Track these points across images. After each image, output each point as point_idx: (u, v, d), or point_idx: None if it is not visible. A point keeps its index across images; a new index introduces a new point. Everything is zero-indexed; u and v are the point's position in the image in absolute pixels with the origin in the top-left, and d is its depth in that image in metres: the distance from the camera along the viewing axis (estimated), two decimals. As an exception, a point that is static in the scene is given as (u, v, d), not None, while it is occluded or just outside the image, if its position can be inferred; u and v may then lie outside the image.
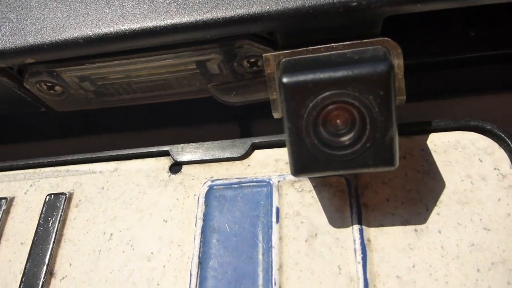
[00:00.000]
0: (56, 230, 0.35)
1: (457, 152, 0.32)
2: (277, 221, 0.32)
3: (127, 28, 0.30)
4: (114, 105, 0.39)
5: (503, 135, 0.32)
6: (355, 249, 0.30)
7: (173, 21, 0.30)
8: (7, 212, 0.37)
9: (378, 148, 0.26)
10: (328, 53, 0.29)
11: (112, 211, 0.35)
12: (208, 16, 0.29)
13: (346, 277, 0.29)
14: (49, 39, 0.31)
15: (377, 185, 0.32)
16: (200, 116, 0.38)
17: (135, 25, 0.30)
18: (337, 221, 0.31)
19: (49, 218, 0.35)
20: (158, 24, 0.30)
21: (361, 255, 0.29)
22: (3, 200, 0.37)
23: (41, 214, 0.36)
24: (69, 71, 0.34)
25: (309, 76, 0.25)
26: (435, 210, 0.30)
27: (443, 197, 0.31)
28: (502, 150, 0.32)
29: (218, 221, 0.33)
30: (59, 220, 0.35)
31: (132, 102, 0.39)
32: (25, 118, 0.40)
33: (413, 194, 0.31)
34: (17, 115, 0.40)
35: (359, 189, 0.32)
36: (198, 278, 0.31)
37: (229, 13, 0.29)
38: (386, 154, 0.26)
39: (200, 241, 0.32)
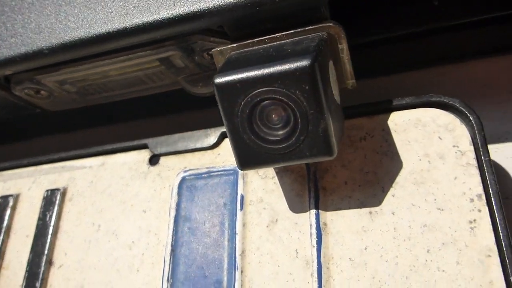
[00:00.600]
0: (54, 223, 0.39)
1: (417, 130, 0.32)
2: (241, 208, 0.33)
3: (89, 34, 0.32)
4: (98, 102, 0.41)
5: (464, 110, 0.31)
6: (311, 233, 0.31)
7: (123, 25, 0.31)
8: (14, 207, 0.41)
9: (313, 139, 0.26)
10: (269, 45, 0.30)
11: (99, 203, 0.38)
12: (151, 18, 0.30)
13: (302, 261, 0.30)
14: (21, 50, 0.34)
15: (336, 168, 0.32)
16: (177, 107, 0.39)
17: (97, 30, 0.32)
18: (296, 206, 0.32)
19: (47, 213, 0.39)
20: (109, 29, 0.31)
21: (316, 239, 0.30)
22: (10, 197, 0.42)
23: (40, 208, 0.40)
24: (48, 77, 0.37)
25: (238, 75, 0.26)
26: (391, 192, 0.30)
27: (399, 178, 0.31)
28: (463, 126, 0.31)
29: (188, 210, 0.35)
30: (56, 214, 0.39)
31: (113, 98, 0.41)
32: (21, 119, 0.44)
33: (371, 176, 0.31)
34: (16, 117, 0.44)
35: (318, 173, 0.33)
36: (171, 265, 0.33)
37: (171, 12, 0.30)
38: (321, 145, 0.26)
39: (173, 229, 0.35)
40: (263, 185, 0.34)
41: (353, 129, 0.33)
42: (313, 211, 0.31)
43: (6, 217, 0.41)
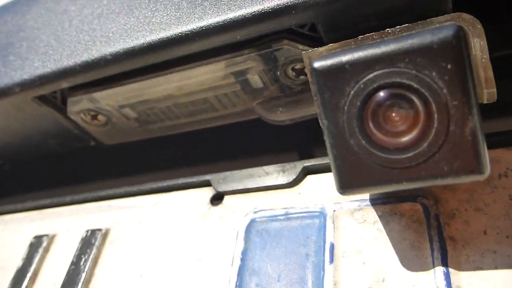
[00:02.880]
0: (88, 269, 0.31)
1: None
2: (331, 261, 0.25)
3: (152, 39, 0.28)
4: (158, 133, 0.36)
5: None
6: (438, 301, 0.21)
7: (198, 24, 0.26)
8: (46, 249, 0.35)
9: (455, 146, 0.18)
10: (380, 39, 0.23)
11: (145, 248, 0.31)
12: (235, 13, 0.25)
13: None
14: (79, 60, 0.30)
15: (468, 212, 0.23)
16: (244, 140, 0.33)
17: (161, 35, 0.27)
18: (412, 261, 0.23)
19: (82, 256, 0.32)
20: (183, 30, 0.27)
21: (448, 310, 0.21)
22: (45, 237, 0.35)
23: (76, 251, 0.33)
24: (108, 96, 0.32)
25: (347, 56, 0.19)
26: (562, 246, 0.21)
27: None
28: None
29: (258, 261, 0.26)
30: (92, 259, 0.32)
31: (176, 129, 0.35)
32: (70, 156, 0.39)
33: (524, 223, 0.22)
34: (69, 151, 0.39)
35: (442, 218, 0.24)
36: (229, 333, 0.24)
37: (258, 6, 0.25)
38: (468, 154, 0.18)
39: (236, 285, 0.26)
40: (362, 232, 0.25)
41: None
42: (440, 270, 0.22)
43: (36, 260, 0.34)
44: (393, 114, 0.19)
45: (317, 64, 0.20)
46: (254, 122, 0.33)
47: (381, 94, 0.19)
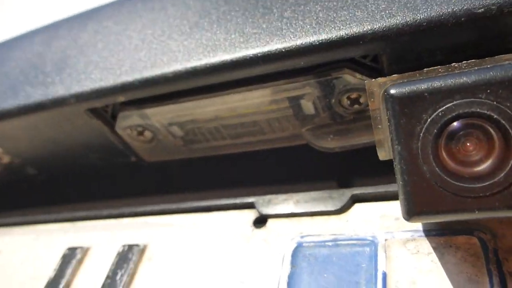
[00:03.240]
0: (123, 285, 0.31)
1: None
2: (384, 290, 0.24)
3: (215, 61, 0.29)
4: (201, 154, 0.36)
5: None
6: (502, 337, 0.21)
7: (263, 49, 0.27)
8: (80, 262, 0.34)
9: (532, 177, 0.18)
10: (449, 72, 0.24)
11: (184, 268, 0.30)
12: (304, 40, 0.26)
13: None
14: (139, 75, 0.31)
15: (527, 249, 0.23)
16: (289, 166, 0.33)
17: (225, 56, 0.28)
18: (471, 295, 0.23)
19: (118, 271, 0.32)
20: (247, 54, 0.28)
21: None
22: (78, 249, 0.35)
23: (112, 265, 0.32)
24: (159, 113, 0.33)
25: (425, 84, 0.20)
26: None
27: None
28: None
29: (306, 286, 0.26)
30: (129, 274, 0.31)
31: (221, 150, 0.36)
32: (108, 170, 0.40)
33: None
34: (108, 166, 0.39)
35: (501, 253, 0.23)
36: None
37: (325, 34, 0.26)
38: (545, 186, 0.18)
39: (283, 309, 0.26)
40: (416, 263, 0.25)
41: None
42: (502, 304, 0.22)
43: (68, 271, 0.34)
44: (468, 144, 0.19)
45: (394, 91, 0.20)
46: (300, 148, 0.33)
47: (458, 123, 0.19)
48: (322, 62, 0.27)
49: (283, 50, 0.27)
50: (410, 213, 0.20)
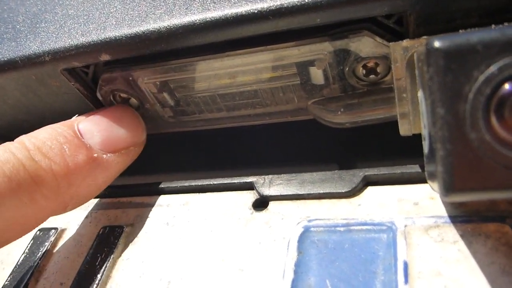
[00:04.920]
0: (104, 271, 0.27)
1: None
2: (406, 281, 0.21)
3: (218, 15, 0.25)
4: (194, 127, 0.33)
5: None
6: (548, 338, 0.18)
7: (276, 2, 0.24)
8: (54, 244, 0.30)
9: None
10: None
11: (174, 252, 0.27)
12: (319, -7, 0.23)
13: None
14: (128, 31, 0.27)
15: None
16: (294, 142, 0.30)
17: (228, 11, 0.24)
18: (506, 289, 0.20)
19: (98, 255, 0.28)
20: (258, 7, 0.24)
21: None
22: (53, 231, 0.31)
23: (89, 249, 0.29)
24: (148, 76, 0.29)
25: (477, 35, 0.16)
26: None
27: None
28: None
29: (316, 275, 0.23)
30: (109, 258, 0.28)
31: (216, 123, 0.32)
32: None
33: None
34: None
35: (540, 243, 0.21)
36: None
37: (347, -13, 0.22)
38: None
39: (289, 301, 0.22)
40: (441, 252, 0.22)
41: None
42: (544, 300, 0.19)
43: (39, 255, 0.30)
44: (523, 110, 0.16)
45: (439, 43, 0.17)
46: (306, 124, 0.30)
47: (509, 87, 0.16)
48: (339, 21, 0.24)
49: (297, 3, 0.23)
50: (450, 189, 0.17)
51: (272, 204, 0.28)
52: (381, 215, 0.24)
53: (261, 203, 0.28)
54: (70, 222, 0.32)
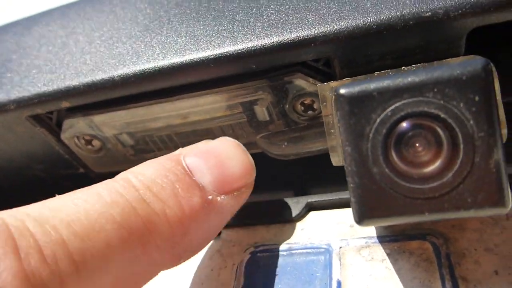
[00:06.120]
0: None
1: None
2: (339, 298, 0.24)
3: (164, 64, 0.27)
4: (153, 164, 0.35)
5: None
6: None
7: (214, 52, 0.26)
8: None
9: (479, 177, 0.18)
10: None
11: (134, 282, 0.29)
12: (255, 43, 0.26)
13: None
14: (85, 80, 0.29)
15: (478, 252, 0.23)
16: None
17: (174, 59, 0.27)
18: (424, 301, 0.22)
19: None
20: (201, 56, 0.27)
21: None
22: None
23: None
24: (107, 120, 0.32)
25: (374, 84, 0.19)
26: None
27: None
28: None
29: (260, 297, 0.25)
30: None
31: (173, 160, 0.34)
32: (56, 182, 0.37)
33: (536, 265, 0.22)
34: (53, 178, 0.37)
35: (453, 258, 0.23)
36: None
37: (277, 37, 0.25)
38: (491, 186, 0.18)
39: (236, 323, 0.24)
40: (370, 270, 0.24)
41: (495, 204, 0.25)
42: (455, 309, 0.21)
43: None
44: (417, 144, 0.19)
45: (343, 91, 0.20)
46: (256, 156, 0.32)
47: (406, 123, 0.19)
48: (274, 66, 0.27)
49: (234, 53, 0.26)
50: (362, 217, 0.20)
51: (224, 231, 0.30)
52: (319, 238, 0.27)
53: (214, 233, 0.30)
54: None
